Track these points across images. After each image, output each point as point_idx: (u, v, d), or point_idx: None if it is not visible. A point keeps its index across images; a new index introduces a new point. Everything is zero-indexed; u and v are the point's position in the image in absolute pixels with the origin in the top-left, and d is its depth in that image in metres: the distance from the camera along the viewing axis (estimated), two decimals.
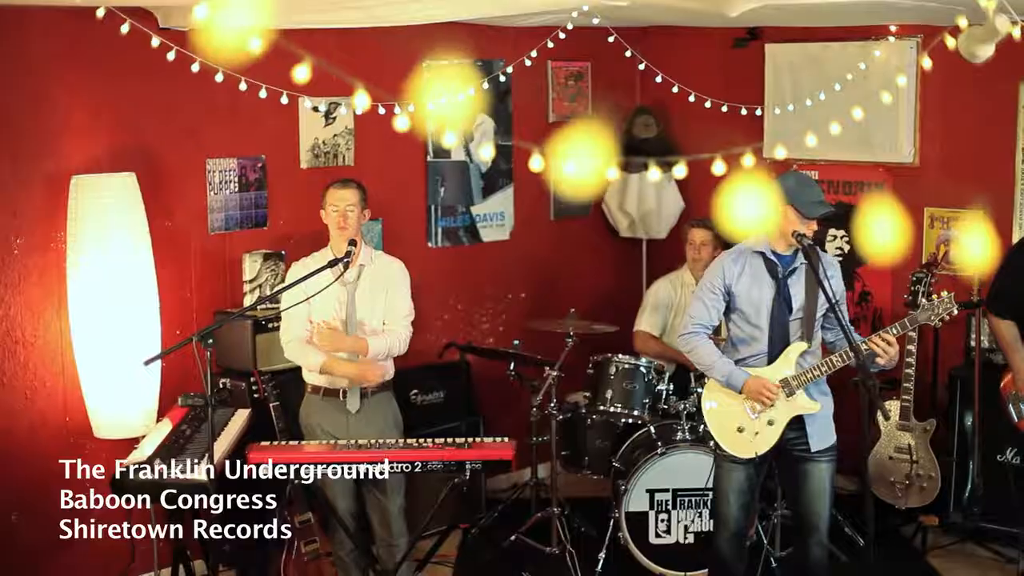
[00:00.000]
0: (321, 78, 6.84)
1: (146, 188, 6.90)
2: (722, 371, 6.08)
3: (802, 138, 8.44)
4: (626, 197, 9.28)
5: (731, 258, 6.20)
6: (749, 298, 6.09)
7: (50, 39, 6.78)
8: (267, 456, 6.01)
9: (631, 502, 7.25)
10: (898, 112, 8.29)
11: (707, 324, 6.17)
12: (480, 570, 7.57)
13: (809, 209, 5.94)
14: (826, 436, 6.16)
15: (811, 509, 6.15)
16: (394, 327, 6.66)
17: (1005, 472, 7.45)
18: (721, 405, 6.19)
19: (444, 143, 7.59)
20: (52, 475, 6.72)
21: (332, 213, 6.54)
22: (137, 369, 6.59)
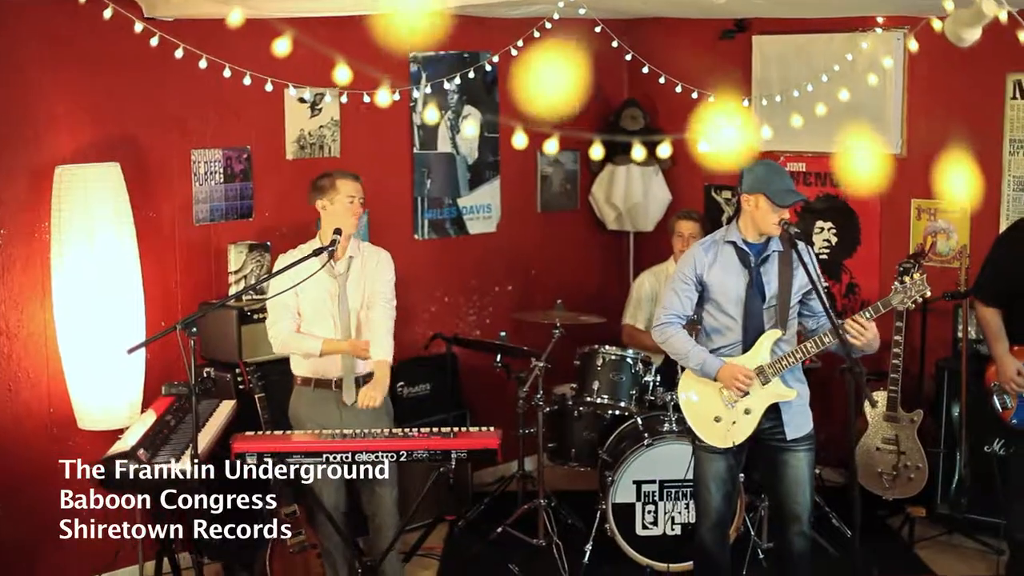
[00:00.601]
0: (306, 68, 6.88)
1: (131, 179, 6.88)
2: (696, 360, 6.07)
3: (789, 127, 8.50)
4: (613, 190, 9.27)
5: (702, 248, 6.18)
6: (722, 287, 6.07)
7: (35, 29, 6.76)
8: (251, 446, 5.96)
9: (618, 493, 7.23)
10: (885, 104, 8.29)
11: (680, 314, 6.14)
12: (467, 563, 7.54)
13: (780, 197, 5.91)
14: (802, 424, 6.14)
15: (791, 499, 6.13)
16: (379, 317, 6.60)
17: (992, 463, 7.44)
18: (697, 395, 6.18)
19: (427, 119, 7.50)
20: (36, 467, 6.75)
21: (348, 204, 6.45)
22: (121, 360, 6.58)
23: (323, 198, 6.47)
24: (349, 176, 6.54)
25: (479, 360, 8.35)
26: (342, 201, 6.45)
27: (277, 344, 6.55)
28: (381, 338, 6.52)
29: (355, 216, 6.48)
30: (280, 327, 6.50)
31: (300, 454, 5.95)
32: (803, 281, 6.05)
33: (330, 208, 6.46)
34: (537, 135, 8.32)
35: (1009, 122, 7.82)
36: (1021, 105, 7.78)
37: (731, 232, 6.12)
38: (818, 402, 6.62)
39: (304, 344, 6.47)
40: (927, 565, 7.43)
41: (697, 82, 7.66)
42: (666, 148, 4.46)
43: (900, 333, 7.50)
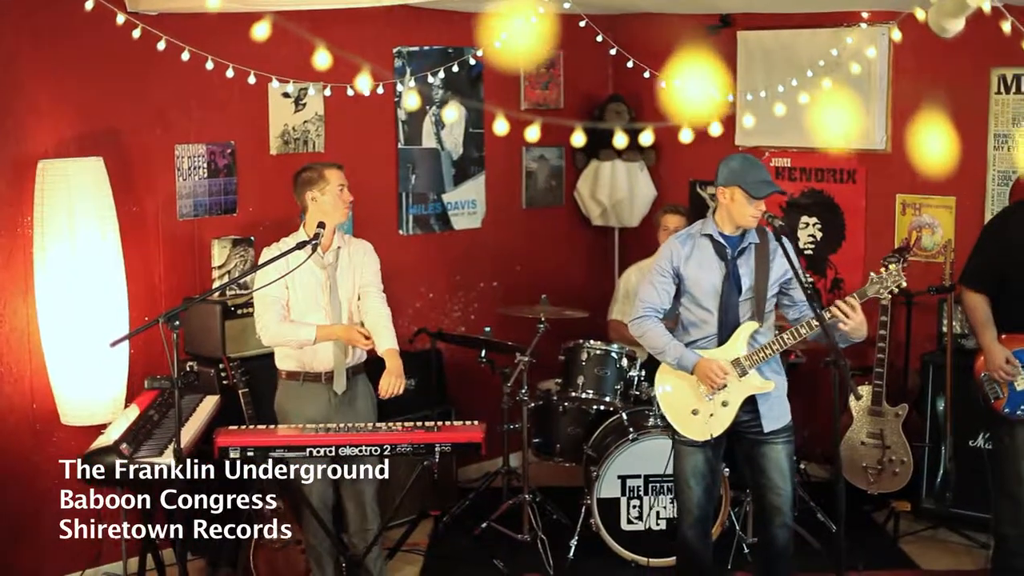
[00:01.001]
0: (290, 63, 6.87)
1: (114, 173, 6.86)
2: (673, 354, 6.07)
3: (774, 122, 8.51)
4: (598, 185, 9.26)
5: (679, 241, 6.18)
6: (698, 281, 6.07)
7: (18, 23, 6.73)
8: (235, 440, 5.93)
9: (603, 488, 7.23)
10: (870, 99, 8.29)
11: (657, 308, 6.14)
12: (451, 558, 7.52)
13: (756, 189, 5.91)
14: (780, 416, 6.14)
15: (772, 492, 6.13)
16: (375, 306, 6.59)
17: (977, 458, 7.44)
18: (674, 389, 6.18)
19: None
20: (18, 463, 6.73)
21: (339, 192, 6.43)
22: (105, 355, 6.57)
23: (312, 190, 6.42)
24: (334, 166, 6.52)
25: (464, 356, 8.35)
26: (333, 191, 6.42)
27: (267, 336, 6.46)
28: (383, 328, 6.51)
29: (346, 204, 6.48)
30: (268, 318, 6.44)
31: (283, 448, 5.92)
32: (779, 273, 6.08)
33: (321, 199, 6.41)
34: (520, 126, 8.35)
35: (994, 116, 7.83)
36: (1005, 100, 7.78)
37: (707, 225, 6.12)
38: (803, 397, 6.64)
39: (298, 332, 6.39)
40: (912, 559, 7.43)
41: (682, 78, 7.67)
42: (648, 136, 4.42)
43: (885, 328, 7.51)
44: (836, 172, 8.59)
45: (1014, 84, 7.75)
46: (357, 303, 6.56)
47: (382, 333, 6.48)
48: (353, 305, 6.55)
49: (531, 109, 9.15)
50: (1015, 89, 7.76)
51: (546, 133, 8.88)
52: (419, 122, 8.53)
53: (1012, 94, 7.77)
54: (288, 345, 6.48)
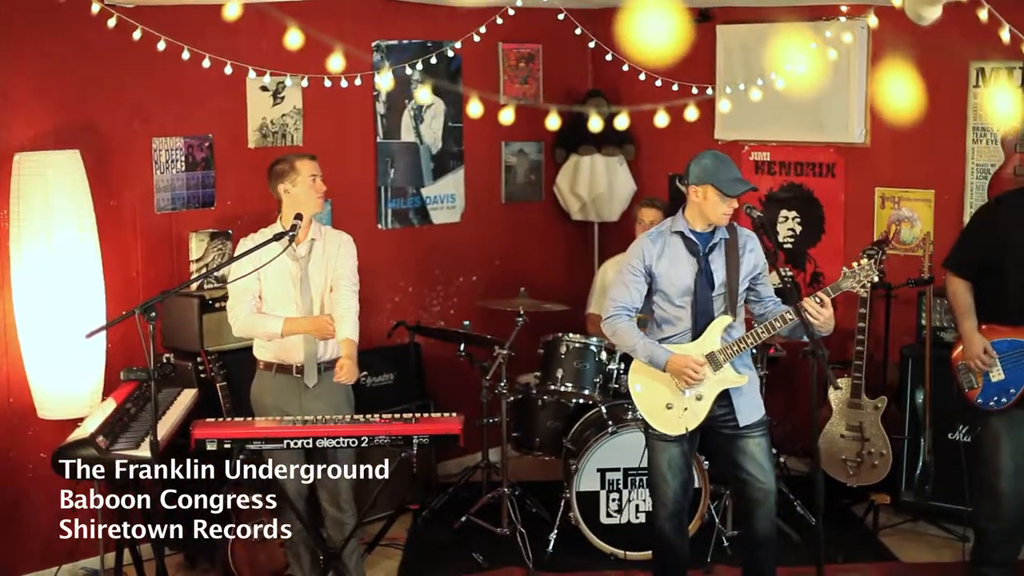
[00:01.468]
0: (267, 56, 6.84)
1: (91, 167, 6.83)
2: (644, 352, 6.05)
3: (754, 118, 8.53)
4: (577, 180, 9.25)
5: (650, 239, 6.17)
6: (670, 278, 6.06)
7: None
8: (212, 432, 5.91)
9: (582, 482, 7.21)
10: (848, 93, 8.30)
11: (629, 306, 6.12)
12: (430, 552, 7.50)
13: (729, 187, 5.90)
14: (754, 410, 6.14)
15: (754, 485, 6.11)
16: (346, 297, 6.57)
17: (956, 450, 7.45)
18: (648, 384, 6.15)
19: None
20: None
21: (311, 184, 6.39)
22: (81, 349, 6.55)
23: (284, 182, 6.40)
24: (306, 156, 6.48)
25: (443, 350, 8.33)
26: (305, 182, 6.38)
27: (237, 326, 6.46)
28: (348, 320, 6.47)
29: (319, 194, 6.43)
30: (239, 309, 6.43)
31: (261, 440, 5.90)
32: (749, 268, 6.09)
33: (293, 191, 6.39)
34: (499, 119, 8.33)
35: (972, 110, 7.84)
36: (984, 93, 7.79)
37: (678, 222, 6.11)
38: (782, 391, 6.64)
39: (265, 324, 6.39)
40: (892, 552, 7.43)
41: (661, 71, 7.67)
42: (623, 119, 4.43)
43: (864, 320, 7.51)
44: (815, 166, 8.60)
45: (992, 77, 7.75)
46: (330, 295, 6.54)
47: (344, 322, 6.45)
48: (326, 298, 6.52)
49: (510, 103, 9.12)
50: (993, 83, 7.76)
51: (525, 127, 8.99)
52: (398, 116, 8.51)
53: (990, 88, 7.77)
54: (257, 337, 6.48)
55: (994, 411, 6.47)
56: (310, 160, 6.46)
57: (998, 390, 6.44)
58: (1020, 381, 6.37)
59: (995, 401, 6.44)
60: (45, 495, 6.92)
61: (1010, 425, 6.47)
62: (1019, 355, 6.37)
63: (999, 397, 6.43)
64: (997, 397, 6.44)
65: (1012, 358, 6.39)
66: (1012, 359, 6.39)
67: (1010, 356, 6.40)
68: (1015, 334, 6.40)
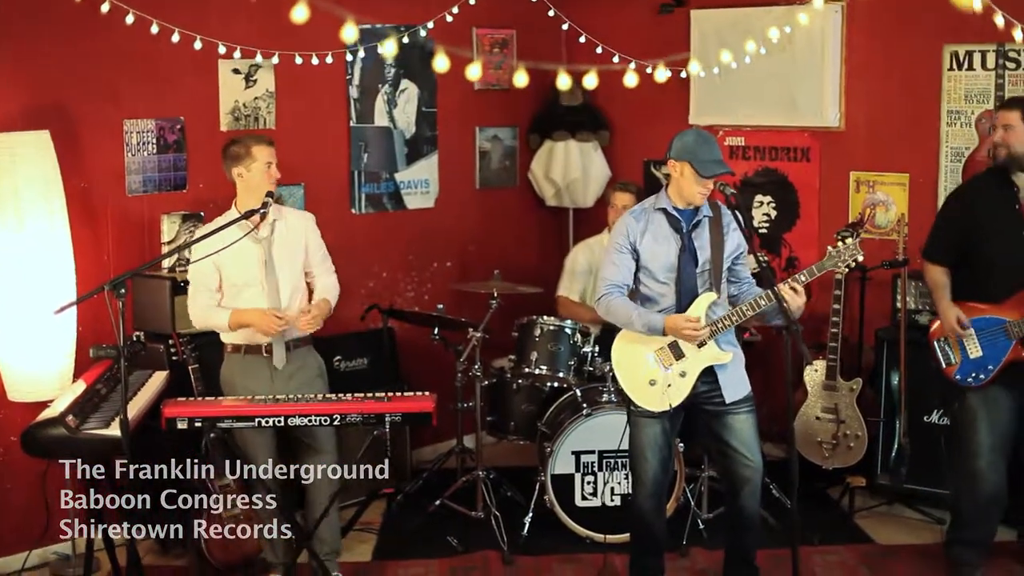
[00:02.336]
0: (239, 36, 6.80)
1: (61, 148, 6.77)
2: (642, 321, 6.02)
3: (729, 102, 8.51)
4: (552, 165, 9.22)
5: (633, 216, 6.17)
6: (654, 255, 6.06)
7: None
8: (182, 411, 5.86)
9: (557, 465, 7.18)
10: (823, 77, 8.30)
11: (620, 284, 6.11)
12: (405, 536, 7.45)
13: (704, 168, 5.90)
14: (740, 387, 6.15)
15: (740, 463, 6.12)
16: (323, 276, 6.56)
17: (932, 433, 7.44)
18: (631, 359, 6.16)
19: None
20: None
21: (265, 170, 6.32)
22: (52, 330, 6.51)
23: (239, 166, 6.33)
24: (263, 141, 6.41)
25: (417, 335, 8.31)
26: (259, 168, 6.32)
27: (192, 318, 6.48)
28: (326, 289, 6.59)
29: (271, 181, 6.36)
30: (195, 302, 6.44)
31: (232, 418, 5.85)
32: (733, 247, 6.11)
33: (247, 176, 6.33)
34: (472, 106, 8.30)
35: (946, 93, 7.83)
36: (958, 76, 7.78)
37: (661, 199, 6.12)
38: (758, 377, 6.60)
39: (214, 318, 6.39)
40: (868, 535, 7.41)
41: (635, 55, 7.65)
42: (592, 79, 4.39)
43: (839, 302, 7.51)
44: (790, 150, 8.58)
45: (966, 61, 7.75)
46: (298, 280, 6.50)
47: (324, 292, 6.56)
48: (295, 282, 6.47)
49: (484, 89, 9.11)
50: (967, 66, 7.76)
51: (500, 113, 8.95)
52: (371, 100, 8.47)
53: (964, 71, 7.77)
54: (210, 328, 6.47)
55: (972, 388, 6.47)
56: (267, 146, 6.39)
57: (976, 367, 6.43)
58: (998, 358, 6.37)
59: (973, 377, 6.44)
60: (14, 480, 6.90)
61: (986, 403, 6.47)
62: (997, 332, 6.37)
63: (977, 373, 6.43)
64: (975, 373, 6.43)
65: (990, 335, 6.39)
66: (990, 336, 6.39)
67: (988, 333, 6.40)
68: (993, 311, 6.40)
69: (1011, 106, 6.42)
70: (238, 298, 6.39)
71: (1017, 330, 6.32)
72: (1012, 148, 6.32)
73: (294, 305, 6.46)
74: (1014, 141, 6.31)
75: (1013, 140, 6.32)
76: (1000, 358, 6.38)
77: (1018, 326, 6.32)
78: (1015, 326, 6.33)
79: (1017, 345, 6.35)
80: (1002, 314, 6.37)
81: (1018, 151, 6.31)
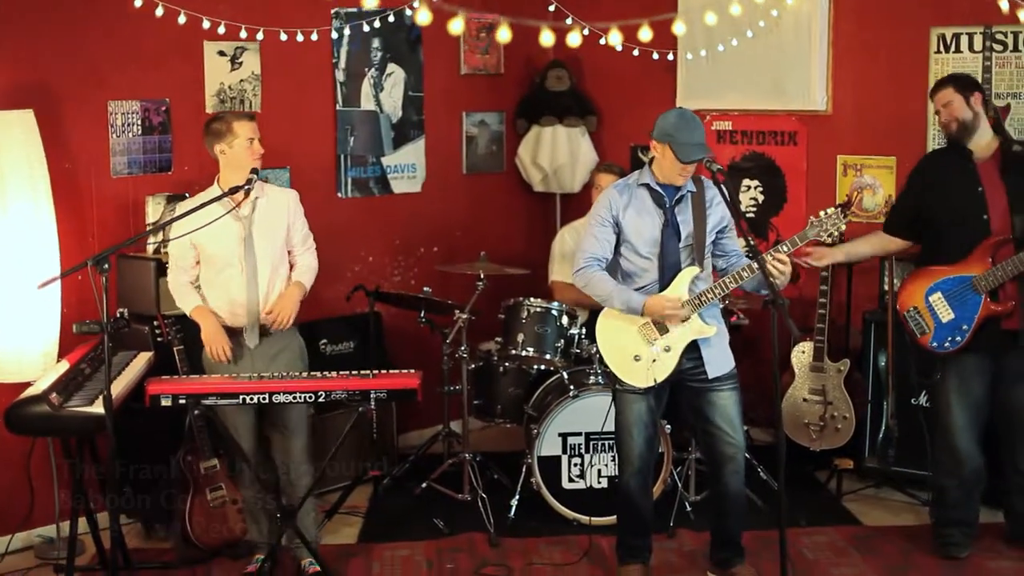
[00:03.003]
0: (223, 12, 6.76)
1: (45, 129, 6.70)
2: (620, 299, 6.02)
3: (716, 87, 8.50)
4: (539, 151, 9.20)
5: (617, 190, 6.17)
6: (637, 229, 6.06)
7: None
8: (166, 388, 5.83)
9: (543, 446, 7.15)
10: (810, 61, 8.29)
11: (600, 257, 6.10)
12: (391, 519, 7.43)
13: (683, 152, 5.87)
14: (724, 363, 6.16)
15: (722, 440, 6.13)
16: (303, 256, 6.54)
17: (919, 416, 7.43)
18: (616, 335, 6.15)
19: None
20: None
21: (247, 146, 6.25)
22: (36, 312, 6.49)
23: (221, 143, 6.26)
24: (244, 117, 6.34)
25: (403, 319, 8.29)
26: (241, 144, 6.24)
27: (170, 290, 6.47)
28: (303, 271, 6.54)
29: (256, 158, 6.29)
30: (171, 278, 6.43)
31: (216, 395, 5.82)
32: (716, 221, 6.12)
33: (229, 153, 6.26)
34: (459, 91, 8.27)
35: (933, 76, 7.78)
36: (945, 59, 7.78)
37: (644, 175, 6.12)
38: (745, 361, 6.60)
39: (182, 300, 6.39)
40: (856, 517, 7.38)
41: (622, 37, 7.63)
42: (576, 37, 4.37)
43: (826, 283, 7.50)
44: (777, 135, 8.57)
45: (953, 43, 7.74)
46: (279, 261, 6.44)
47: (301, 274, 6.52)
48: (274, 262, 6.40)
49: (471, 74, 9.09)
50: (954, 48, 7.75)
51: (487, 98, 8.92)
52: (357, 84, 8.44)
53: (951, 53, 7.76)
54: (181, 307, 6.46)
55: (950, 357, 6.51)
56: (248, 121, 6.32)
57: (951, 330, 6.47)
58: (971, 317, 6.41)
59: (950, 342, 6.47)
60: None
61: (962, 378, 6.55)
62: (964, 289, 6.44)
63: (953, 336, 6.46)
64: (951, 337, 6.47)
65: (958, 295, 6.45)
66: (958, 296, 6.45)
67: (956, 293, 6.46)
68: (955, 271, 6.48)
69: (941, 86, 6.67)
70: (218, 278, 6.33)
71: (984, 283, 6.38)
72: (959, 117, 6.53)
73: (274, 287, 6.39)
74: (957, 112, 6.52)
75: (956, 112, 6.53)
76: (973, 316, 6.41)
77: (984, 279, 6.38)
78: (981, 279, 6.39)
79: (987, 301, 6.40)
80: (967, 272, 6.43)
81: (964, 117, 6.51)
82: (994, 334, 6.45)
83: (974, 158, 6.54)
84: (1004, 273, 6.31)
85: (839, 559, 6.76)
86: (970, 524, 6.70)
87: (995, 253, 6.38)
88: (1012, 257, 6.30)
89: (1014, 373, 6.52)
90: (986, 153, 6.55)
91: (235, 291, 6.31)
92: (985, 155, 6.55)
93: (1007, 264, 6.30)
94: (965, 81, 6.65)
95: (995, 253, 6.38)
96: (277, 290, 6.39)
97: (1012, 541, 6.79)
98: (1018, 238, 6.36)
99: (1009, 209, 6.41)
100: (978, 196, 6.45)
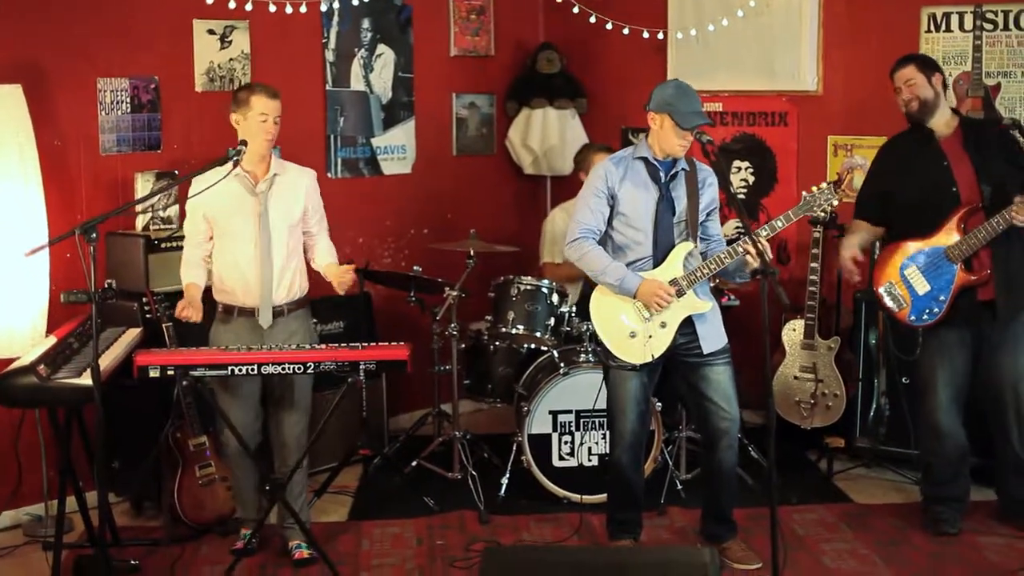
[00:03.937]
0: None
1: (33, 105, 6.68)
2: (615, 275, 6.01)
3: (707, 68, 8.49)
4: (530, 133, 9.19)
5: (613, 163, 6.16)
6: (632, 202, 6.06)
7: None
8: (154, 359, 5.80)
9: (534, 424, 7.13)
10: (800, 41, 8.28)
11: (594, 229, 6.10)
12: (381, 498, 7.41)
13: (684, 119, 5.89)
14: (717, 338, 6.18)
15: (717, 414, 6.14)
16: (322, 237, 6.57)
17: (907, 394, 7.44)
18: (611, 312, 6.14)
19: None
20: None
21: (260, 122, 6.20)
22: (24, 288, 6.48)
23: (237, 112, 6.24)
24: (266, 92, 6.26)
25: (393, 299, 8.27)
26: (255, 118, 6.20)
27: None
28: (328, 254, 6.61)
29: (267, 135, 6.23)
30: (185, 251, 6.40)
31: (205, 366, 5.79)
32: (707, 201, 6.15)
33: (243, 124, 6.22)
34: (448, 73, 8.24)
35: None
36: (936, 38, 7.77)
37: (640, 148, 6.12)
38: (736, 343, 6.57)
39: (183, 273, 6.37)
40: (847, 495, 7.37)
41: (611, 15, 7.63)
42: None
43: (817, 260, 7.49)
44: (768, 115, 8.56)
45: (944, 22, 7.74)
46: (293, 238, 6.40)
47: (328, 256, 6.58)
48: (288, 239, 6.35)
49: (461, 56, 9.08)
50: (945, 27, 7.75)
51: (477, 80, 8.90)
52: (347, 64, 8.42)
53: (942, 32, 7.76)
54: None
55: (928, 331, 6.57)
56: (267, 99, 6.23)
57: (928, 301, 6.49)
58: (947, 287, 6.43)
59: (928, 314, 6.50)
60: None
61: (941, 353, 6.58)
62: (938, 260, 6.47)
63: (930, 308, 6.49)
64: (929, 309, 6.49)
65: (932, 266, 6.48)
66: (932, 268, 6.48)
67: (930, 264, 6.49)
68: (928, 243, 6.51)
69: (902, 64, 6.71)
70: (232, 254, 6.28)
71: (958, 251, 6.41)
72: (920, 95, 6.57)
73: (289, 265, 6.37)
74: (919, 91, 6.57)
75: (918, 90, 6.58)
76: (949, 287, 6.44)
77: (957, 247, 6.41)
78: (955, 248, 6.41)
79: (962, 270, 6.42)
80: (940, 243, 6.46)
81: (926, 95, 6.56)
82: (972, 306, 6.47)
83: (936, 136, 6.57)
84: (976, 240, 6.33)
85: (830, 535, 6.76)
86: (959, 500, 6.70)
87: (966, 222, 6.42)
88: (983, 224, 6.32)
89: (994, 345, 6.54)
90: (947, 131, 6.59)
91: (248, 268, 6.27)
92: (946, 132, 6.59)
93: (978, 231, 6.32)
94: (927, 61, 6.73)
95: (966, 222, 6.42)
96: (292, 270, 6.37)
97: (1004, 518, 6.78)
98: (987, 206, 6.38)
99: (976, 178, 6.44)
100: (944, 170, 6.49)
